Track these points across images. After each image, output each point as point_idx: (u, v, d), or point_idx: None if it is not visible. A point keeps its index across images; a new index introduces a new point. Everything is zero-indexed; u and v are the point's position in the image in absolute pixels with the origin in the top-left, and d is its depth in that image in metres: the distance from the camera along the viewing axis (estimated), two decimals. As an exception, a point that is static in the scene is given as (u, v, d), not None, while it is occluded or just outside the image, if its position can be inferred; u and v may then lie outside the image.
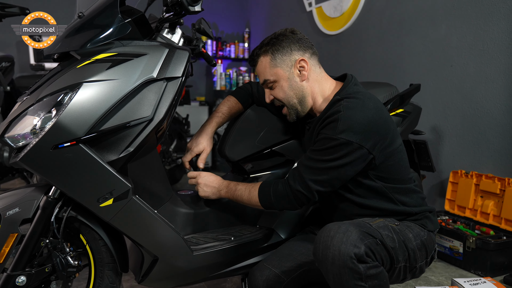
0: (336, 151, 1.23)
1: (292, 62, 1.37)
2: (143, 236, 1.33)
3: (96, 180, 1.23)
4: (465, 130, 2.53)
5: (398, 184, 1.33)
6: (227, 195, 1.46)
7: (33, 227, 1.29)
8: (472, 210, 2.38)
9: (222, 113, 1.65)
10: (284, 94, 1.41)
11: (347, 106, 1.26)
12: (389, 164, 1.30)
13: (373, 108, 1.27)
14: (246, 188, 1.41)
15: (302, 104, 1.41)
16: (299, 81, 1.39)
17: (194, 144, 1.60)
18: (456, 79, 2.57)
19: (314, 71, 1.40)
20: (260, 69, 1.42)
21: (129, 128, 1.24)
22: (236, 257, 1.51)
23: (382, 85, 1.93)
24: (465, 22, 2.51)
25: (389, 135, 1.28)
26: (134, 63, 1.25)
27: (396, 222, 1.30)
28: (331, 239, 1.12)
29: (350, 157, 1.23)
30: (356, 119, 1.23)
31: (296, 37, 1.38)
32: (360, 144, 1.22)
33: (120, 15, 1.26)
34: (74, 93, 1.18)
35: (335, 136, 1.22)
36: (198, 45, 1.73)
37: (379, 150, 1.26)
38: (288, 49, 1.37)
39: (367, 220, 1.25)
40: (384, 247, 1.18)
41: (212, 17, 5.14)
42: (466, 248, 2.14)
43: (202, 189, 1.49)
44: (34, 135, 1.19)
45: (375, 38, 3.22)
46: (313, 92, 1.40)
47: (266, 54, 1.39)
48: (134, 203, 1.28)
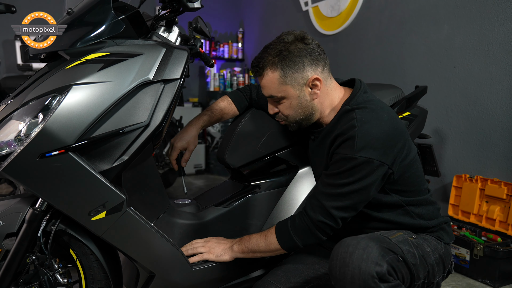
0: (356, 172, 1.12)
1: (304, 81, 1.21)
2: (138, 251, 1.23)
3: (87, 192, 1.13)
4: (469, 133, 2.46)
5: (414, 196, 1.25)
6: (240, 249, 1.29)
7: (18, 242, 1.19)
8: (477, 215, 2.31)
9: (212, 111, 1.56)
10: (292, 111, 1.27)
11: (362, 120, 1.15)
12: (406, 176, 1.21)
13: (388, 119, 1.17)
14: (261, 235, 1.27)
15: (308, 120, 1.29)
16: (310, 99, 1.24)
17: (177, 139, 1.51)
18: (460, 80, 2.51)
19: (326, 85, 1.25)
20: (266, 83, 1.25)
21: (123, 134, 1.14)
22: (238, 271, 1.41)
23: (388, 87, 1.84)
24: (469, 22, 2.44)
25: (406, 146, 1.19)
26: (129, 64, 1.15)
27: (413, 235, 1.22)
28: (350, 255, 1.02)
29: (372, 177, 1.13)
30: (374, 134, 1.12)
31: (308, 48, 1.21)
32: (381, 161, 1.12)
33: (113, 11, 1.16)
34: (63, 96, 1.08)
35: (354, 156, 1.11)
36: (196, 44, 1.63)
37: (398, 164, 1.17)
38: (301, 65, 1.20)
39: (385, 233, 1.17)
40: (406, 264, 1.10)
41: (205, 16, 4.98)
42: (473, 256, 2.07)
43: (214, 250, 1.32)
44: (19, 142, 1.08)
45: (374, 38, 3.15)
46: (322, 107, 1.27)
47: (275, 68, 1.21)
48: (129, 215, 1.18)
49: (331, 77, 1.28)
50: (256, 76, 1.29)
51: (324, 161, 1.27)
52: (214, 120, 1.58)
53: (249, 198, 1.53)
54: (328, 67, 1.26)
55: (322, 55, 1.24)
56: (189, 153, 1.53)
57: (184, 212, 1.46)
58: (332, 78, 1.28)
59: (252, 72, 1.30)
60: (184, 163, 1.54)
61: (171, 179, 3.62)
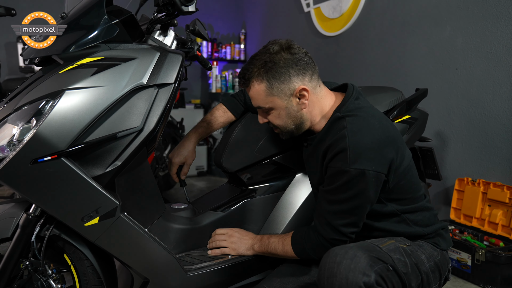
0: (354, 184, 1.11)
1: (291, 91, 1.20)
2: (132, 257, 1.22)
3: (80, 197, 1.12)
4: (471, 135, 2.43)
5: (410, 204, 1.23)
6: (260, 250, 1.36)
7: (12, 248, 1.19)
8: (479, 219, 2.28)
9: (208, 122, 1.58)
10: (280, 122, 1.26)
11: (352, 130, 1.13)
12: (401, 184, 1.19)
13: (379, 127, 1.15)
14: (279, 241, 1.31)
15: (299, 129, 1.28)
16: (298, 110, 1.23)
17: (175, 155, 1.54)
18: (462, 82, 2.48)
19: (314, 94, 1.23)
20: (253, 95, 1.24)
21: (117, 140, 1.13)
22: (235, 277, 1.40)
23: (387, 90, 1.82)
24: (471, 23, 2.42)
25: (399, 154, 1.17)
26: (122, 68, 1.14)
27: (408, 242, 1.20)
28: (338, 265, 1.01)
29: (370, 188, 1.12)
30: (365, 143, 1.11)
31: (294, 58, 1.18)
32: (376, 171, 1.11)
33: (107, 15, 1.15)
34: (56, 101, 1.07)
35: (348, 168, 1.10)
36: (193, 47, 1.62)
37: (393, 172, 1.16)
38: (287, 76, 1.18)
39: (376, 242, 1.15)
40: (396, 273, 1.08)
41: (207, 18, 5.03)
42: (475, 261, 2.04)
43: (236, 245, 1.39)
44: (11, 147, 1.07)
45: (376, 39, 3.13)
46: (312, 115, 1.25)
47: (261, 80, 1.20)
48: (122, 221, 1.18)
49: (320, 84, 1.25)
50: (242, 88, 1.29)
51: (318, 171, 1.26)
52: (210, 130, 1.60)
53: (245, 202, 1.52)
54: (316, 75, 1.24)
55: (310, 64, 1.22)
56: (187, 167, 1.56)
57: (180, 217, 1.45)
58: (321, 86, 1.26)
59: (239, 84, 1.30)
60: (184, 176, 1.57)
61: (172, 182, 3.61)
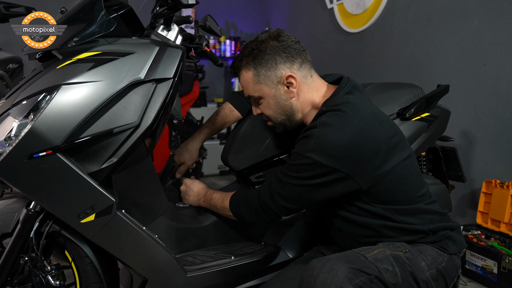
0: (304, 170, 1.11)
1: (278, 78, 1.20)
2: (129, 255, 1.20)
3: (76, 194, 1.11)
4: (500, 135, 2.29)
5: (402, 205, 1.15)
6: (204, 204, 1.40)
7: (12, 243, 1.19)
8: (508, 224, 2.14)
9: (213, 122, 1.57)
10: (271, 112, 1.26)
11: (325, 123, 1.09)
12: (383, 187, 1.12)
13: (356, 126, 1.08)
14: (220, 196, 1.34)
15: (291, 120, 1.27)
16: (286, 98, 1.22)
17: (176, 153, 1.57)
18: (490, 79, 2.33)
19: (305, 83, 1.22)
20: (243, 83, 1.26)
21: (112, 136, 1.11)
22: (237, 279, 1.36)
23: (405, 86, 1.73)
24: (500, 17, 2.27)
25: (378, 156, 1.10)
26: (120, 63, 1.12)
27: (406, 248, 1.11)
28: (314, 279, 0.96)
29: (321, 179, 1.09)
30: (331, 139, 1.07)
31: (281, 45, 1.19)
32: (333, 167, 1.07)
33: (105, 9, 1.13)
34: (52, 96, 1.06)
35: (304, 154, 1.10)
36: (201, 43, 1.59)
37: (364, 174, 1.09)
38: (273, 62, 1.19)
39: (363, 250, 1.07)
40: (383, 284, 1.00)
41: (231, 16, 5.01)
42: (501, 269, 1.91)
43: (184, 197, 1.46)
44: (9, 142, 1.07)
45: (400, 35, 3.01)
46: (303, 107, 1.24)
47: (248, 68, 1.22)
48: (119, 219, 1.15)
49: (312, 74, 1.24)
50: (234, 77, 1.28)
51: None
52: (216, 130, 1.59)
53: (251, 202, 1.47)
54: (307, 64, 1.23)
55: (300, 52, 1.22)
56: (185, 167, 1.58)
57: (183, 215, 1.42)
58: (314, 76, 1.24)
59: (231, 74, 1.32)
60: (179, 175, 1.59)
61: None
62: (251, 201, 1.24)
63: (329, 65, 3.78)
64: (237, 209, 1.27)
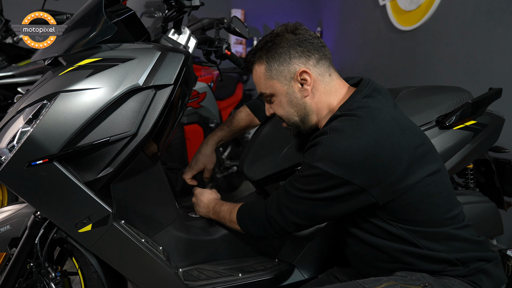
0: (313, 181, 0.99)
1: (292, 74, 1.09)
2: (127, 268, 1.16)
3: (73, 203, 1.09)
4: None
5: (425, 227, 1.00)
6: (214, 217, 1.33)
7: (20, 248, 1.20)
8: None
9: (229, 125, 1.48)
10: (283, 111, 1.15)
11: (335, 128, 0.97)
12: (403, 203, 0.97)
13: (371, 132, 0.94)
14: (228, 208, 1.26)
15: (304, 122, 1.14)
16: (300, 97, 1.10)
17: (193, 161, 1.48)
18: (561, 80, 2.03)
19: (322, 82, 1.10)
20: (255, 79, 1.16)
21: (109, 145, 1.08)
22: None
23: (448, 90, 1.54)
24: None
25: (398, 168, 0.95)
26: (119, 69, 1.08)
27: (426, 281, 0.95)
28: None
29: (331, 192, 0.97)
30: (340, 146, 0.94)
31: (297, 39, 1.08)
32: (345, 179, 0.93)
33: (106, 14, 1.10)
34: (51, 104, 1.05)
35: (312, 164, 0.99)
36: (221, 46, 1.52)
37: (381, 188, 0.95)
38: (286, 56, 1.08)
39: (369, 283, 0.93)
40: None
41: (283, 16, 4.92)
42: None
43: (197, 208, 1.41)
44: (11, 148, 1.08)
45: (457, 32, 2.73)
46: (318, 108, 1.11)
47: (261, 62, 1.12)
48: (115, 230, 1.12)
49: (331, 73, 1.11)
50: (248, 72, 1.18)
51: None
52: (231, 134, 1.51)
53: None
54: (326, 62, 1.10)
55: (319, 48, 1.09)
56: (208, 172, 1.51)
57: (192, 227, 1.36)
58: (333, 76, 1.11)
59: (245, 69, 1.22)
60: (206, 179, 1.55)
61: (235, 183, 3.56)
62: (257, 214, 1.15)
63: (379, 65, 3.56)
64: (244, 224, 1.19)
